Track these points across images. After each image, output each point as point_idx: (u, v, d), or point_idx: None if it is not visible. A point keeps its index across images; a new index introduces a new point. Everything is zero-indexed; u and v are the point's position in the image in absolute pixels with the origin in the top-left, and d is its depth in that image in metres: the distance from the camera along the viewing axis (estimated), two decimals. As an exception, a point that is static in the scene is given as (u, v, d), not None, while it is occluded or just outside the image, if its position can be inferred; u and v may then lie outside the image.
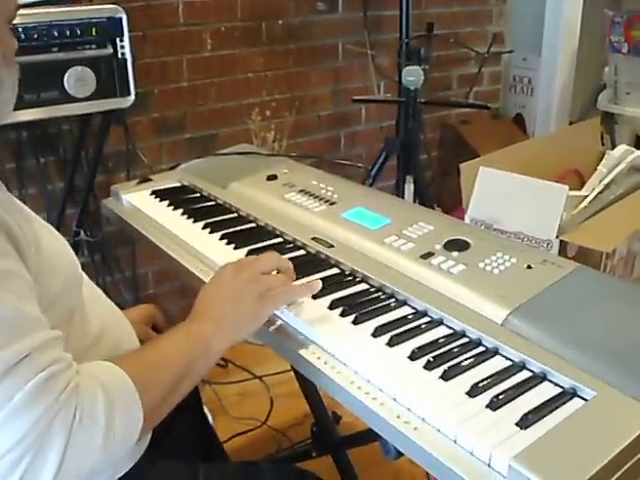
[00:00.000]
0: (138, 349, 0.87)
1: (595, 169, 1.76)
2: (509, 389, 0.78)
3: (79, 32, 1.72)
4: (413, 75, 2.09)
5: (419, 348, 0.86)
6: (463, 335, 0.90)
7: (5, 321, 0.71)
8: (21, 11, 0.98)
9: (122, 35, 1.79)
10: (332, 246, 1.14)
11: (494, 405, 0.75)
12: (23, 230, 0.80)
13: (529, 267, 1.00)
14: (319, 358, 0.88)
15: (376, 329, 0.91)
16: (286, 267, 1.02)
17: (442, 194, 2.95)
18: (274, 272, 1.01)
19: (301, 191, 1.34)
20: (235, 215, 1.33)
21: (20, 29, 1.63)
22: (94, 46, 1.76)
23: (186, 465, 1.06)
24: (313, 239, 1.17)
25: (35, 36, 1.66)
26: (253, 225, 1.28)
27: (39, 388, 0.69)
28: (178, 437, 1.22)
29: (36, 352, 0.71)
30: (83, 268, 1.00)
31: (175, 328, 0.92)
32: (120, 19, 1.78)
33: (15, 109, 0.92)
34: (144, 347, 0.89)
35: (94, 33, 1.75)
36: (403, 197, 2.20)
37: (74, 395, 0.71)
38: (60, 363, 0.73)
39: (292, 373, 1.70)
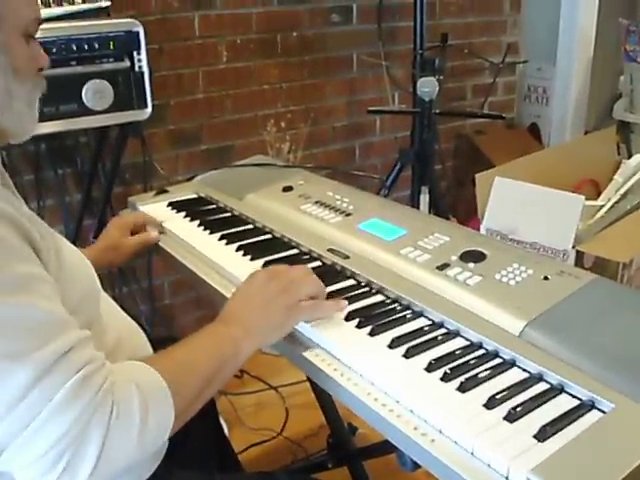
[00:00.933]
0: (169, 350, 0.88)
1: (611, 179, 1.75)
2: (526, 401, 0.78)
3: (97, 46, 1.74)
4: (428, 86, 2.09)
5: (436, 360, 0.86)
6: (480, 347, 0.90)
7: (37, 323, 0.73)
8: (40, 25, 0.99)
9: (139, 48, 1.81)
10: (348, 257, 1.14)
11: (511, 417, 0.75)
12: (44, 239, 0.82)
13: (546, 278, 0.99)
14: (335, 369, 0.88)
15: (392, 341, 0.91)
16: (319, 292, 1.01)
17: (457, 204, 2.95)
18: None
19: (317, 202, 1.35)
20: (251, 226, 1.34)
21: (39, 43, 1.65)
22: (112, 59, 1.78)
23: (202, 475, 1.06)
24: (329, 250, 1.17)
25: (54, 50, 1.68)
26: (269, 236, 1.29)
27: (77, 387, 0.71)
28: (194, 447, 1.22)
29: (71, 352, 0.73)
30: (99, 279, 1.02)
31: (204, 330, 0.93)
32: (137, 33, 1.80)
33: (34, 121, 0.93)
34: (175, 348, 0.89)
35: (112, 47, 1.77)
36: (418, 208, 2.19)
37: (110, 393, 0.74)
38: (95, 362, 0.75)
39: (308, 384, 1.70)
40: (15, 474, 0.73)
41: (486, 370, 0.84)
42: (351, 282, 1.09)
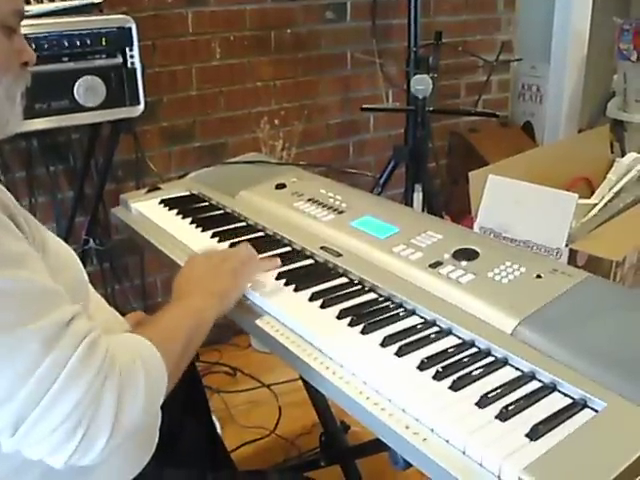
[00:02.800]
0: (148, 323, 0.93)
1: (604, 177, 1.75)
2: (519, 400, 0.78)
3: (89, 42, 1.73)
4: (422, 84, 2.09)
5: (428, 358, 0.86)
6: (472, 345, 0.90)
7: (36, 294, 0.74)
8: (32, 21, 0.98)
9: (132, 45, 1.81)
10: (340, 255, 1.14)
11: (504, 416, 0.75)
12: (29, 224, 0.83)
13: (538, 276, 0.99)
14: (328, 368, 0.88)
15: (385, 339, 0.90)
16: (253, 254, 1.10)
17: (451, 202, 2.95)
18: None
19: (310, 200, 1.34)
20: (244, 224, 1.33)
21: (31, 39, 1.64)
22: (104, 56, 1.77)
23: (194, 473, 1.06)
24: (322, 248, 1.17)
25: (46, 46, 1.67)
26: (262, 234, 1.29)
27: (86, 353, 0.73)
28: (186, 445, 1.22)
29: (73, 320, 0.75)
30: (92, 276, 1.01)
31: (166, 307, 0.96)
32: (130, 29, 1.79)
33: (26, 118, 0.93)
34: (151, 322, 0.93)
35: (104, 43, 1.76)
36: (412, 206, 2.19)
37: (116, 359, 0.76)
38: (96, 330, 0.77)
39: (300, 382, 1.70)
40: (28, 450, 0.72)
41: (478, 369, 0.84)
42: (343, 280, 1.09)
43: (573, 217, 1.37)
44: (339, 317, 0.97)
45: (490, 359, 0.87)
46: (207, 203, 1.46)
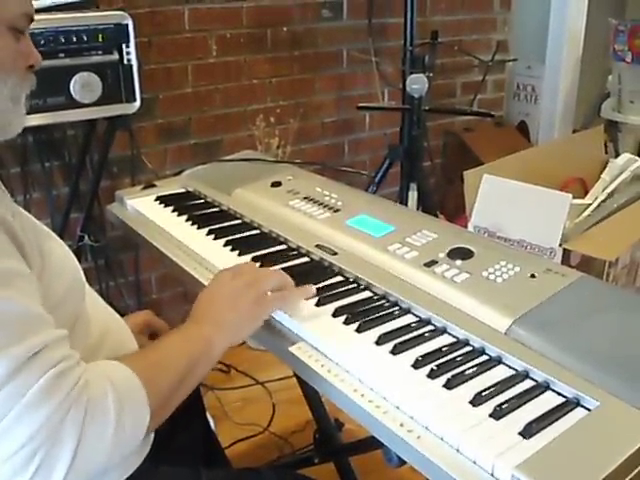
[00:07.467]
0: (142, 349, 0.89)
1: (598, 177, 1.76)
2: (512, 398, 0.78)
3: (85, 38, 1.73)
4: (417, 83, 2.10)
5: (423, 356, 0.86)
6: (466, 344, 0.91)
7: (14, 318, 0.71)
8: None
9: (128, 41, 1.80)
10: (336, 253, 1.14)
11: (497, 414, 0.75)
12: (25, 232, 0.81)
13: (532, 276, 1.00)
14: (322, 365, 0.88)
15: (380, 337, 0.91)
16: (285, 284, 1.02)
17: (445, 201, 2.95)
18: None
19: (305, 198, 1.34)
20: (239, 221, 1.34)
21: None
22: (100, 52, 1.77)
23: (188, 470, 1.06)
24: (317, 246, 1.17)
25: (42, 42, 1.67)
26: (257, 232, 1.29)
27: (51, 384, 0.70)
28: (180, 442, 1.22)
29: (46, 349, 0.72)
30: (86, 273, 1.01)
31: (175, 330, 0.93)
32: (126, 25, 1.79)
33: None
34: (147, 348, 0.90)
35: (100, 39, 1.76)
36: (407, 204, 2.20)
37: (85, 391, 0.72)
38: (69, 360, 0.74)
39: (295, 379, 1.70)
40: None
41: (472, 367, 0.85)
42: (339, 278, 1.09)
43: (567, 217, 1.38)
44: (334, 315, 0.97)
45: (484, 358, 0.87)
46: (203, 200, 1.46)
